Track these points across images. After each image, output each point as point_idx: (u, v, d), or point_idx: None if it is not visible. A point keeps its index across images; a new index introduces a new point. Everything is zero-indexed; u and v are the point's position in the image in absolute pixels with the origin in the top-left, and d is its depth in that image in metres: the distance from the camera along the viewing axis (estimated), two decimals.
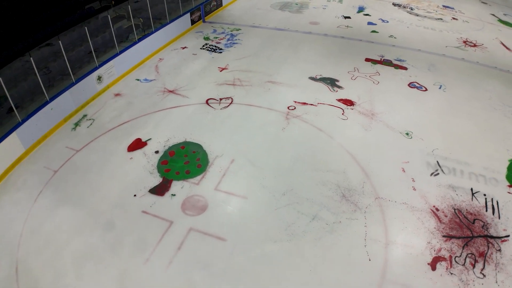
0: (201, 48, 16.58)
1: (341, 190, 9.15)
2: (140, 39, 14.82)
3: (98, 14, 13.72)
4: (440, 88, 14.17)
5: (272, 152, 10.21)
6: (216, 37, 17.76)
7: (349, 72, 14.91)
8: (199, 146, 10.28)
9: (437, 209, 8.75)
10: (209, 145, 10.34)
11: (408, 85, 14.29)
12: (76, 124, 11.35)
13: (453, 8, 25.20)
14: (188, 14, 18.17)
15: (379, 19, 21.44)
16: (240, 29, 18.85)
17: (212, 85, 13.49)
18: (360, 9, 23.02)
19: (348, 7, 23.43)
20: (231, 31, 18.63)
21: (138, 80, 13.89)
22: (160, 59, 15.55)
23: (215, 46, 16.72)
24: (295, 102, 12.65)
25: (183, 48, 16.61)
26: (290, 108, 12.30)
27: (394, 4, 24.73)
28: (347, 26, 19.88)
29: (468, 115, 12.46)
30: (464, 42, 19.22)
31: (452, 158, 10.37)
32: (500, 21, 24.06)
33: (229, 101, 12.59)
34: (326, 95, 13.08)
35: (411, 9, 24.05)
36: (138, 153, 10.05)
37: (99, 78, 12.60)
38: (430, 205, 8.81)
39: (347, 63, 15.54)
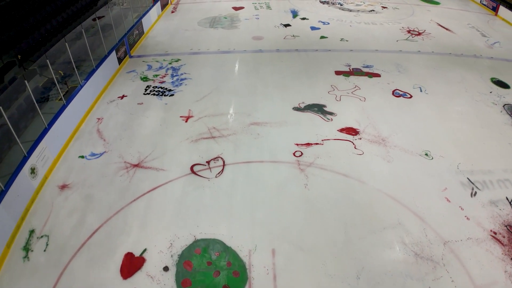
0: (145, 94, 13.77)
1: (410, 247, 8.01)
2: (69, 99, 11.55)
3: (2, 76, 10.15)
4: (421, 91, 14.00)
5: (313, 223, 8.40)
6: (157, 75, 15.04)
7: (330, 92, 13.72)
8: (219, 243, 7.90)
9: (495, 233, 8.47)
10: (231, 238, 8.04)
11: (393, 94, 13.81)
12: (26, 249, 8.00)
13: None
14: (114, 52, 15.07)
15: (318, 21, 20.83)
16: (179, 59, 16.35)
17: (187, 144, 11.01)
18: (294, 14, 22.17)
19: (280, 13, 22.48)
20: (170, 63, 16.04)
21: (82, 157, 10.70)
22: (99, 119, 12.40)
23: (162, 88, 14.06)
24: (298, 145, 10.91)
25: (122, 97, 13.61)
26: (296, 154, 10.50)
27: (321, 2, 24.42)
28: (294, 36, 18.77)
29: (460, 115, 12.66)
30: (408, 31, 19.78)
31: (477, 170, 10.25)
32: (422, 0, 26.13)
33: (220, 162, 10.26)
34: (324, 127, 11.70)
35: (341, 4, 23.99)
36: (139, 278, 7.29)
37: (33, 170, 9.25)
38: (487, 231, 8.47)
39: (320, 81, 14.53)
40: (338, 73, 15.27)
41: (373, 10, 23.52)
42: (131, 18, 18.85)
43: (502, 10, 23.11)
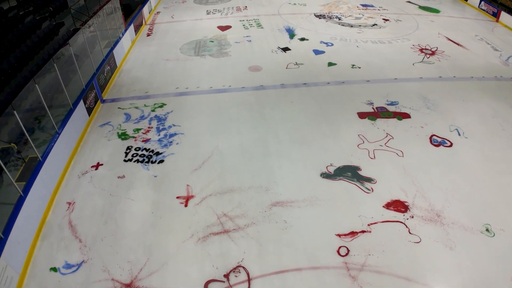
0: (126, 160, 11.04)
1: None
2: (28, 184, 8.77)
3: None
4: (459, 134, 12.27)
5: None
6: (138, 129, 12.33)
7: (359, 145, 11.44)
8: None
9: None
10: None
11: (431, 141, 11.78)
12: None
13: (372, 6, 24.27)
14: (81, 101, 12.26)
15: (320, 42, 18.62)
16: (164, 104, 13.71)
17: (193, 246, 8.45)
18: (291, 33, 19.90)
19: (274, 32, 20.18)
20: (153, 110, 13.37)
21: (55, 270, 7.98)
22: (70, 203, 9.64)
23: (147, 150, 11.40)
24: (340, 236, 8.54)
25: (97, 166, 10.86)
26: (341, 252, 8.16)
27: (316, 16, 22.28)
28: (297, 64, 16.46)
29: (507, 164, 10.94)
30: (421, 50, 18.31)
31: None
32: (421, 7, 25.34)
33: (243, 275, 7.75)
34: (366, 203, 9.60)
35: (339, 19, 21.91)
36: None
37: None
38: None
39: (344, 129, 12.35)
40: (362, 115, 13.05)
41: (376, 24, 21.60)
42: (100, 48, 15.97)
43: (504, 16, 22.30)
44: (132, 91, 14.80)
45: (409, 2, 26.67)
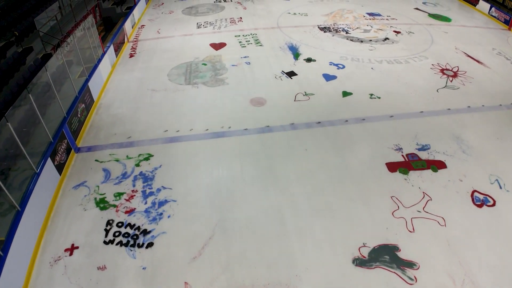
0: (106, 242, 8.92)
1: None
2: None
3: None
4: (500, 187, 10.54)
5: None
6: (120, 195, 10.21)
7: (394, 212, 9.51)
8: None
9: None
10: None
11: (473, 201, 10.22)
12: None
13: (380, 15, 22.63)
14: (49, 160, 10.08)
15: (330, 64, 16.65)
16: (151, 155, 11.61)
17: None
18: (295, 52, 17.87)
19: (276, 51, 18.17)
20: (138, 164, 11.25)
21: None
22: None
23: (133, 228, 9.31)
24: None
25: (71, 250, 8.78)
26: None
27: (320, 29, 20.22)
28: (306, 94, 14.39)
29: None
30: (442, 71, 16.72)
31: None
32: (431, 16, 24.01)
33: None
34: None
35: (346, 32, 19.89)
36: None
37: None
38: None
39: (373, 189, 10.39)
40: (392, 167, 11.11)
41: (388, 39, 19.67)
42: (71, 84, 13.72)
43: None
44: (112, 135, 12.60)
45: (417, 9, 25.02)
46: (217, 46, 18.74)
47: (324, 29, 21.00)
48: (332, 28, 21.12)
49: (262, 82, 15.42)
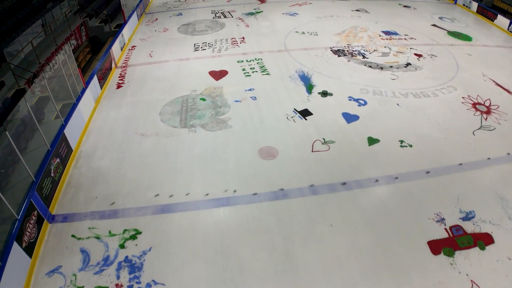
0: None
1: None
2: None
3: None
4: None
5: None
6: None
7: None
8: None
9: None
10: None
11: None
12: None
13: (396, 33, 20.96)
14: (14, 243, 7.93)
15: (349, 99, 14.70)
16: (139, 232, 9.50)
17: None
18: (307, 82, 15.93)
19: (285, 81, 16.32)
20: (122, 245, 9.26)
21: None
22: None
23: None
24: None
25: None
26: None
27: (333, 52, 18.16)
28: (325, 142, 12.32)
29: None
30: (474, 106, 15.04)
31: None
32: (450, 34, 22.30)
33: None
34: None
35: (363, 56, 17.85)
36: None
37: None
38: None
39: (417, 282, 8.32)
40: (434, 247, 9.18)
41: (410, 64, 17.67)
42: (48, 121, 11.59)
43: None
44: (92, 199, 10.45)
45: (434, 25, 23.22)
46: (218, 74, 16.61)
47: (338, 52, 18.93)
48: (347, 51, 19.05)
49: (272, 124, 13.30)
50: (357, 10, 25.42)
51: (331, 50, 19.12)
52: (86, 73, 17.40)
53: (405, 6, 26.78)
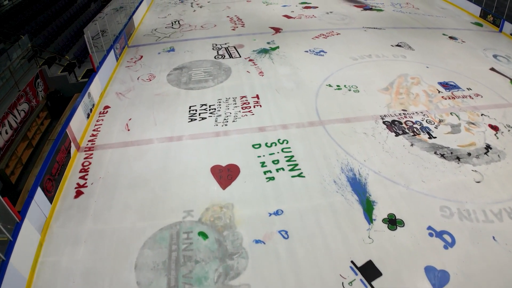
0: None
1: None
2: None
3: None
4: None
5: None
6: None
7: None
8: None
9: None
10: None
11: None
12: None
13: (456, 86, 16.35)
14: None
15: (429, 234, 9.56)
16: None
17: None
18: (363, 196, 11.10)
19: (329, 195, 11.44)
20: None
21: None
22: None
23: None
24: None
25: None
26: None
27: (388, 126, 13.37)
28: None
29: None
30: None
31: None
32: None
33: None
34: None
35: (430, 134, 12.64)
36: None
37: None
38: None
39: None
40: None
41: (489, 147, 13.02)
42: None
43: None
44: None
45: (493, 70, 18.23)
46: (225, 176, 11.18)
47: (394, 126, 13.58)
48: (405, 123, 13.68)
49: None
50: (398, 46, 19.92)
51: (384, 122, 13.67)
52: (30, 171, 11.96)
53: (451, 38, 21.41)
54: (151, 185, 11.13)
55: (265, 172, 11.47)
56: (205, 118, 14.04)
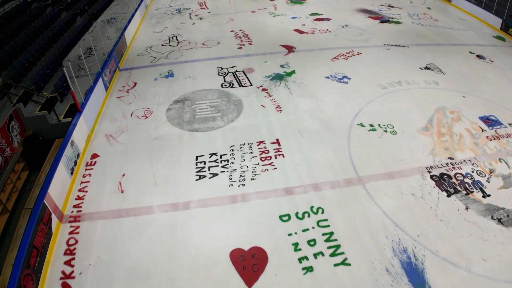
0: None
1: None
2: None
3: None
4: None
5: None
6: None
7: None
8: None
9: None
10: None
11: None
12: None
13: (499, 122, 14.28)
14: None
15: None
16: None
17: None
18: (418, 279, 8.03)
19: (378, 281, 8.15)
20: None
21: None
22: None
23: None
24: None
25: None
26: None
27: (438, 183, 11.48)
28: None
29: None
30: None
31: None
32: None
33: None
34: None
35: (484, 193, 10.68)
36: None
37: None
38: None
39: None
40: None
41: None
42: None
43: None
44: None
45: None
46: (249, 266, 8.74)
47: (443, 183, 11.34)
48: (456, 180, 11.36)
49: None
50: (427, 68, 17.59)
51: (432, 177, 11.32)
52: (6, 253, 9.43)
53: (478, 57, 19.15)
54: (155, 279, 8.65)
55: (300, 260, 9.03)
56: (217, 174, 11.53)
